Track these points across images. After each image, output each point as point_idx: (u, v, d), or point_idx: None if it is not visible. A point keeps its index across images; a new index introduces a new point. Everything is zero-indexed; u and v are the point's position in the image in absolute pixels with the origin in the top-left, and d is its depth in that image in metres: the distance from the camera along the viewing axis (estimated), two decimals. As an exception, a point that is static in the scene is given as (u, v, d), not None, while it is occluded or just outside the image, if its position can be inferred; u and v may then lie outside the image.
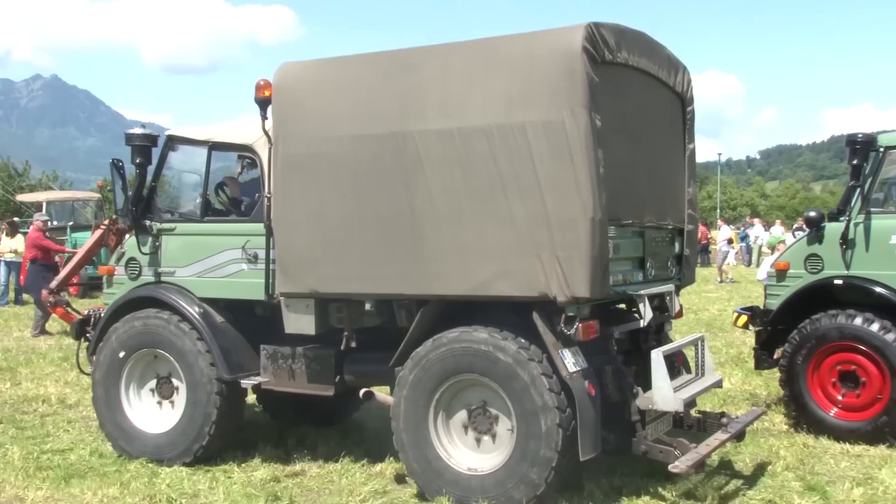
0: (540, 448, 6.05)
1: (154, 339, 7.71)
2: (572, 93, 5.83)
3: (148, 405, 8.00)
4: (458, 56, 6.49)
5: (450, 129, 6.26)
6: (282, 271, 6.98)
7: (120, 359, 7.83)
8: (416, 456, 6.56)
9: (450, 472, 6.46)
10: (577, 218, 5.85)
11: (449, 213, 6.30)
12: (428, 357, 6.46)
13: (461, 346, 6.35)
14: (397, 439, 6.66)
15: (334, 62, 7.07)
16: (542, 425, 6.04)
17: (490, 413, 6.45)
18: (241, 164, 8.10)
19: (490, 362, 6.22)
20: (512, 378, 6.15)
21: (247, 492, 6.91)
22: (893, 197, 9.24)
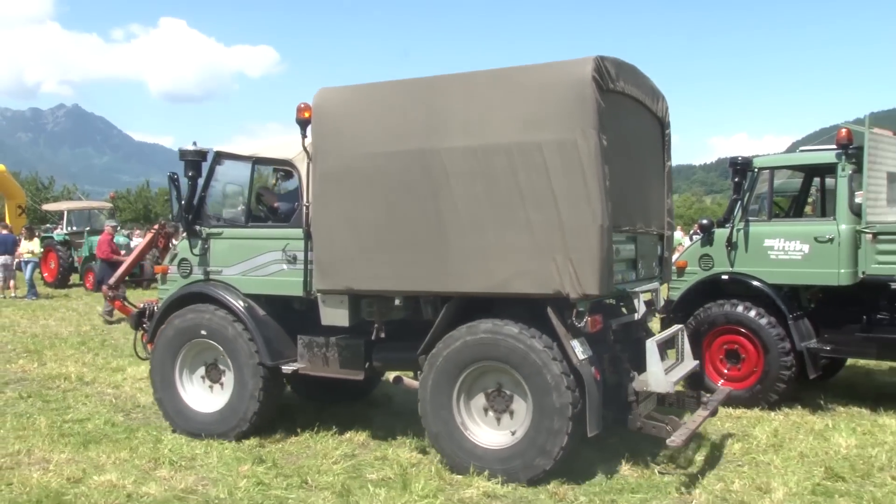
0: (553, 425, 6.26)
1: (207, 330, 7.81)
2: (583, 116, 6.01)
3: (199, 388, 8.15)
4: (479, 82, 6.59)
5: (473, 147, 6.43)
6: (319, 270, 7.14)
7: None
8: (440, 431, 6.71)
9: (472, 444, 6.59)
10: (588, 225, 6.02)
11: (472, 220, 6.47)
12: (453, 345, 6.61)
13: (485, 337, 6.49)
14: (424, 416, 6.81)
15: (366, 88, 7.22)
16: (555, 406, 6.25)
17: (505, 394, 6.63)
18: (275, 177, 8.30)
19: (511, 351, 6.36)
20: (529, 365, 6.30)
21: (236, 455, 7.45)
22: (765, 208, 9.52)
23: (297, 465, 7.02)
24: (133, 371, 11.13)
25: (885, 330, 8.76)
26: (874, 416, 8.68)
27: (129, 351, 12.69)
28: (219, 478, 6.65)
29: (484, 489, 6.32)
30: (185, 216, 8.06)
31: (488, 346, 6.51)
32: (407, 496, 6.16)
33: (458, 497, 6.20)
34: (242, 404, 7.69)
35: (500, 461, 6.51)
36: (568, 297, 6.20)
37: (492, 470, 6.48)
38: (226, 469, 6.89)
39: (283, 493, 6.30)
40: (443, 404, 6.73)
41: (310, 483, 6.51)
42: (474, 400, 6.79)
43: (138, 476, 6.65)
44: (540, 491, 6.35)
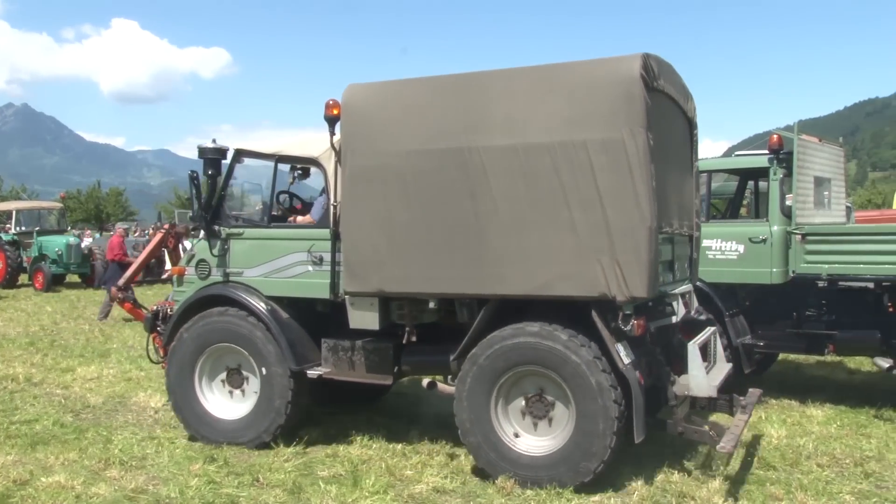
0: (597, 433, 5.94)
1: (230, 334, 7.37)
2: (631, 114, 5.73)
3: (219, 394, 7.66)
4: (520, 80, 6.29)
5: (514, 145, 6.11)
6: (348, 272, 6.77)
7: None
8: (478, 437, 6.33)
9: (512, 453, 6.23)
10: (636, 226, 5.73)
11: (512, 220, 6.14)
12: (496, 347, 6.25)
13: (531, 341, 6.12)
14: (460, 421, 6.42)
15: (397, 84, 6.87)
16: (600, 413, 5.92)
17: (546, 400, 6.29)
18: (292, 175, 7.94)
19: (554, 356, 6.02)
20: (576, 373, 5.97)
21: (188, 454, 7.28)
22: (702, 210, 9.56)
23: (248, 464, 6.88)
24: (83, 371, 10.85)
25: (812, 326, 8.94)
26: (802, 407, 8.86)
27: (78, 351, 12.68)
28: (170, 477, 6.51)
29: (433, 484, 6.31)
30: (203, 216, 7.64)
31: (534, 351, 6.15)
32: (357, 493, 6.11)
33: (409, 493, 6.17)
34: (271, 410, 7.23)
35: (539, 468, 6.14)
36: (614, 300, 5.90)
37: (528, 477, 6.14)
38: (177, 468, 6.75)
39: (234, 491, 6.19)
40: (480, 408, 6.34)
41: (261, 481, 6.39)
42: (512, 404, 6.40)
43: (87, 477, 6.46)
44: (487, 486, 6.34)
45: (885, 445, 7.47)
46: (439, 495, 6.18)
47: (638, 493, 6.12)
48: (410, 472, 6.62)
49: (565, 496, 6.01)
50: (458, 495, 6.19)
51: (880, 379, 10.00)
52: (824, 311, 8.92)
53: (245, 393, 7.60)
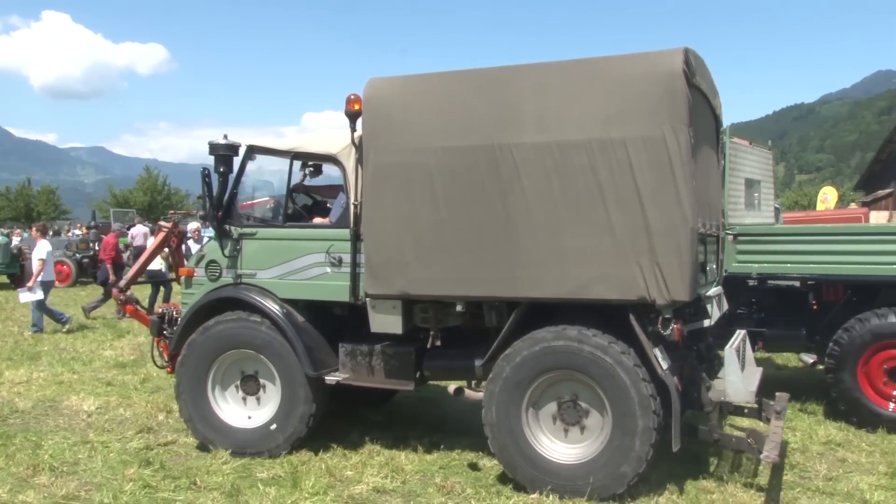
0: (635, 443, 5.57)
1: (248, 340, 6.85)
2: (673, 110, 5.39)
3: (233, 401, 7.11)
4: (553, 74, 5.87)
5: (548, 143, 5.72)
6: (371, 274, 6.31)
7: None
8: (507, 441, 5.96)
9: (543, 460, 5.88)
10: (678, 227, 5.40)
11: (546, 220, 5.75)
12: (526, 353, 5.87)
13: (563, 345, 5.77)
14: (489, 430, 6.02)
15: (421, 78, 6.44)
16: (638, 422, 5.56)
17: (580, 406, 5.89)
18: (304, 173, 7.35)
19: (592, 362, 5.67)
20: (611, 378, 5.62)
21: (122, 459, 6.79)
22: None
23: (185, 467, 6.48)
24: (11, 375, 10.09)
25: (743, 324, 8.95)
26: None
27: (6, 354, 11.83)
28: (103, 482, 6.10)
29: (374, 485, 6.04)
30: (215, 215, 7.05)
31: (571, 356, 5.73)
32: (297, 494, 5.79)
33: (349, 493, 5.89)
34: (294, 416, 6.71)
35: (569, 477, 5.74)
36: (653, 304, 5.50)
37: (557, 485, 5.74)
38: (110, 473, 6.31)
39: (170, 495, 5.83)
40: (511, 412, 5.91)
41: (199, 484, 6.03)
42: (543, 410, 5.99)
43: (14, 484, 6.02)
44: (428, 484, 6.11)
45: (809, 437, 7.44)
46: (379, 495, 5.91)
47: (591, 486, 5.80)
48: (350, 472, 6.33)
49: (505, 494, 5.82)
50: (398, 495, 5.93)
51: (805, 374, 10.18)
52: (754, 310, 8.96)
53: (261, 400, 7.00)
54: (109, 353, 11.97)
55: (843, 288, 8.35)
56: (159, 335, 7.79)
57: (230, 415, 7.02)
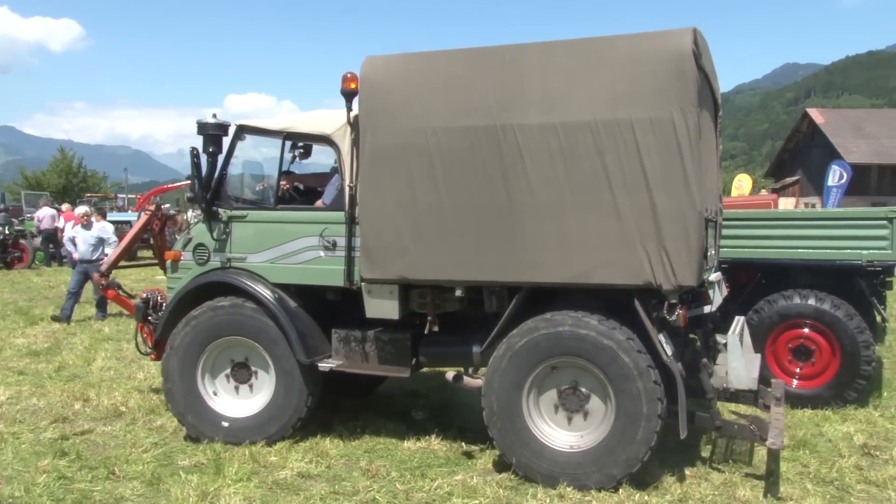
0: (638, 430, 5.30)
1: (241, 327, 6.44)
2: (682, 92, 5.11)
3: (223, 390, 6.68)
4: (558, 54, 5.52)
5: (552, 124, 5.39)
6: (367, 258, 5.92)
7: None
8: (507, 429, 5.68)
9: (542, 447, 5.63)
10: (686, 211, 5.13)
11: (550, 204, 5.42)
12: (529, 338, 5.58)
13: (565, 331, 5.48)
14: (489, 417, 5.72)
15: (420, 56, 6.03)
16: (643, 410, 5.30)
17: (581, 393, 5.59)
18: (293, 154, 6.83)
19: (597, 348, 5.39)
20: (615, 364, 5.35)
21: (35, 449, 6.27)
22: None
23: (103, 456, 6.08)
24: None
25: None
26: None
27: None
28: (14, 475, 5.68)
29: (298, 470, 5.78)
30: (203, 196, 6.57)
31: (576, 342, 5.44)
32: (220, 481, 5.51)
33: (273, 479, 5.63)
34: (290, 404, 6.33)
35: (570, 465, 5.51)
36: (659, 289, 5.24)
37: (557, 473, 5.51)
38: (22, 465, 5.88)
39: (87, 486, 5.48)
40: (512, 399, 5.61)
41: (117, 474, 5.68)
42: (544, 396, 5.72)
43: None
44: (353, 468, 5.87)
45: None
46: (304, 480, 5.67)
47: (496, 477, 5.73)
48: (274, 457, 6.04)
49: (429, 476, 5.69)
50: (322, 479, 5.69)
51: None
52: None
53: (253, 388, 6.56)
54: (21, 342, 10.95)
55: (755, 271, 8.55)
56: (144, 321, 7.32)
57: (221, 403, 6.60)
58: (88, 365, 9.61)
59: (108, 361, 9.82)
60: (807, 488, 5.62)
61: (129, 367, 9.50)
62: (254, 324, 6.36)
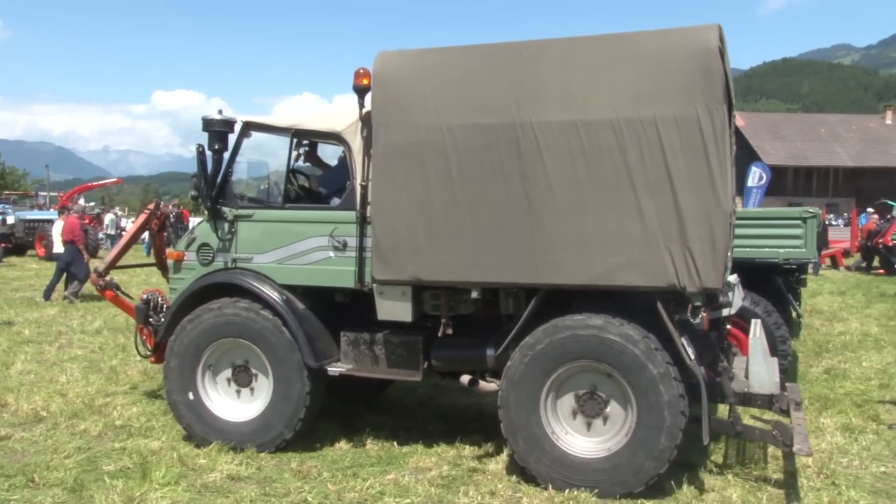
0: (660, 439, 5.12)
1: (240, 329, 6.15)
2: (708, 89, 4.94)
3: (224, 394, 6.41)
4: (578, 50, 5.33)
5: (573, 121, 5.19)
6: (380, 259, 5.67)
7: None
8: (522, 434, 5.46)
9: (560, 453, 5.42)
10: (711, 211, 4.95)
11: (570, 203, 5.22)
12: (549, 341, 5.37)
13: (588, 334, 5.27)
14: (506, 423, 5.49)
15: (435, 52, 5.76)
16: (666, 417, 5.11)
17: (599, 397, 5.38)
18: (297, 152, 6.52)
19: (620, 352, 5.19)
20: (639, 370, 5.14)
21: None
22: None
23: (22, 464, 5.76)
24: None
25: None
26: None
27: None
28: None
29: (228, 472, 5.62)
30: (209, 195, 6.28)
31: (598, 346, 5.24)
32: (146, 486, 5.29)
33: (202, 482, 5.45)
34: (286, 410, 6.02)
35: (590, 472, 5.31)
36: (683, 291, 5.05)
37: (576, 480, 5.31)
38: None
39: (4, 495, 5.20)
40: (529, 403, 5.40)
41: (37, 481, 5.41)
42: (562, 401, 5.51)
43: None
44: (284, 469, 5.72)
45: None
46: (234, 483, 5.50)
47: (435, 470, 5.73)
48: (204, 460, 5.84)
49: (361, 476, 5.56)
50: (253, 482, 5.53)
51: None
52: None
53: (254, 392, 6.29)
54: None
55: None
56: (145, 323, 6.96)
57: (222, 407, 6.34)
58: (7, 369, 9.13)
59: (28, 365, 9.30)
60: (728, 479, 5.68)
61: (50, 370, 9.04)
62: (249, 325, 6.14)
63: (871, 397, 7.96)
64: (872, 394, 8.17)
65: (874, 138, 53.65)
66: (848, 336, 11.63)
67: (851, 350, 10.58)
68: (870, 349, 10.64)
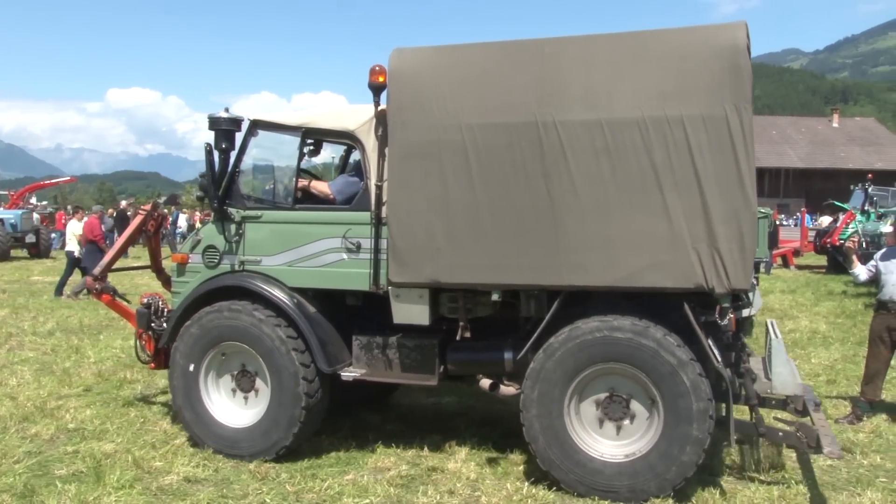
0: (689, 441, 4.99)
1: (240, 332, 5.93)
2: (736, 88, 4.84)
3: (227, 398, 6.23)
4: (601, 47, 5.22)
5: (597, 120, 5.08)
6: (397, 261, 5.51)
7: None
8: (545, 439, 5.31)
9: (584, 458, 5.28)
10: (740, 211, 4.85)
11: (594, 203, 5.10)
12: (572, 344, 5.24)
13: (616, 336, 5.15)
14: (527, 421, 5.34)
15: (453, 49, 5.62)
16: (693, 419, 5.00)
17: (620, 398, 5.26)
18: (300, 151, 6.19)
19: (649, 356, 5.09)
20: (670, 375, 5.02)
21: None
22: None
23: None
24: None
25: None
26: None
27: None
28: None
29: (185, 474, 5.51)
30: (216, 195, 6.07)
31: (624, 348, 5.12)
32: (100, 489, 5.16)
33: (157, 485, 5.33)
34: (284, 416, 5.78)
35: (615, 476, 5.18)
36: (711, 292, 4.95)
37: (601, 485, 5.19)
38: None
39: None
40: (552, 407, 5.26)
41: None
42: (585, 404, 5.38)
43: None
44: (242, 471, 5.63)
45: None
46: (191, 485, 5.39)
47: (395, 470, 5.69)
48: (160, 462, 5.73)
49: (320, 477, 5.50)
50: (210, 483, 5.44)
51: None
52: None
53: (258, 395, 6.10)
54: None
55: None
56: (147, 328, 6.71)
57: (224, 412, 6.17)
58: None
59: (-24, 367, 9.11)
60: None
61: (-1, 372, 8.81)
62: (246, 328, 5.95)
63: (820, 393, 8.11)
64: (821, 389, 8.33)
65: (822, 140, 55.08)
66: (798, 334, 11.82)
67: (801, 347, 10.74)
68: (818, 346, 10.84)
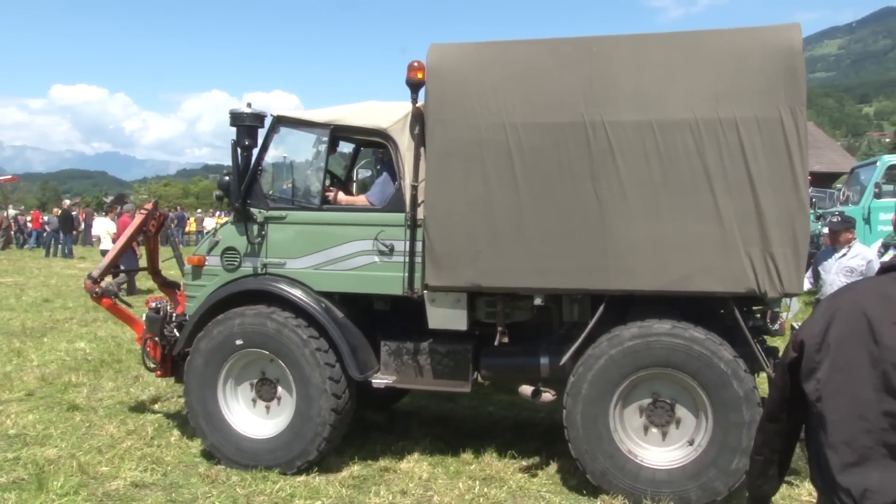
0: (738, 449, 4.81)
1: (265, 339, 5.61)
2: (792, 90, 4.72)
3: (246, 408, 5.88)
4: (652, 47, 5.06)
5: (648, 121, 4.91)
6: (434, 264, 5.28)
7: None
8: (590, 447, 5.14)
9: (628, 463, 5.11)
10: (795, 214, 4.72)
11: (644, 206, 4.92)
12: (618, 349, 5.05)
13: (664, 341, 4.97)
14: (571, 429, 5.16)
15: (496, 46, 5.41)
16: (743, 425, 4.81)
17: (665, 403, 5.08)
18: (328, 150, 5.87)
19: (699, 361, 4.91)
20: (718, 378, 4.85)
21: None
22: None
23: None
24: None
25: None
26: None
27: None
28: None
29: (132, 479, 5.32)
30: (238, 194, 5.73)
31: (672, 352, 4.95)
32: (43, 496, 4.95)
33: (104, 490, 5.14)
34: (310, 428, 5.46)
35: (663, 483, 5.02)
36: (763, 297, 4.81)
37: (647, 492, 5.01)
38: None
39: None
40: (598, 414, 5.07)
41: None
42: (629, 410, 5.19)
43: None
44: (191, 474, 5.48)
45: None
46: (138, 490, 5.20)
47: (348, 470, 5.57)
48: (106, 467, 5.52)
49: (271, 479, 5.37)
50: (159, 488, 5.25)
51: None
52: None
53: (280, 404, 5.80)
54: None
55: None
56: (159, 334, 6.31)
57: (244, 423, 5.86)
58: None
59: (-87, 372, 8.77)
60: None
61: (-61, 378, 8.53)
62: (269, 334, 5.68)
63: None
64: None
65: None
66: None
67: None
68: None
